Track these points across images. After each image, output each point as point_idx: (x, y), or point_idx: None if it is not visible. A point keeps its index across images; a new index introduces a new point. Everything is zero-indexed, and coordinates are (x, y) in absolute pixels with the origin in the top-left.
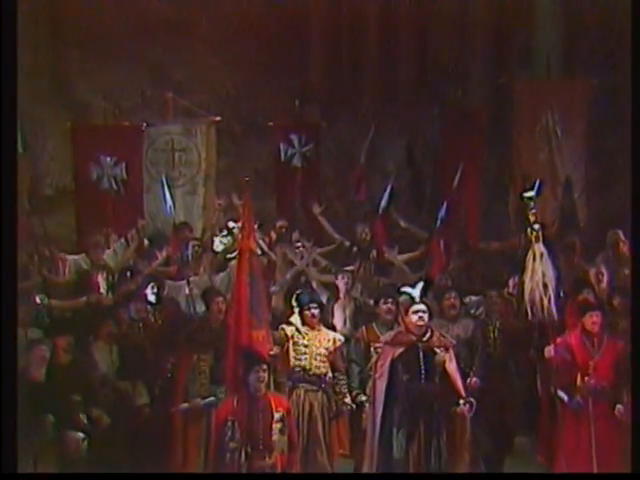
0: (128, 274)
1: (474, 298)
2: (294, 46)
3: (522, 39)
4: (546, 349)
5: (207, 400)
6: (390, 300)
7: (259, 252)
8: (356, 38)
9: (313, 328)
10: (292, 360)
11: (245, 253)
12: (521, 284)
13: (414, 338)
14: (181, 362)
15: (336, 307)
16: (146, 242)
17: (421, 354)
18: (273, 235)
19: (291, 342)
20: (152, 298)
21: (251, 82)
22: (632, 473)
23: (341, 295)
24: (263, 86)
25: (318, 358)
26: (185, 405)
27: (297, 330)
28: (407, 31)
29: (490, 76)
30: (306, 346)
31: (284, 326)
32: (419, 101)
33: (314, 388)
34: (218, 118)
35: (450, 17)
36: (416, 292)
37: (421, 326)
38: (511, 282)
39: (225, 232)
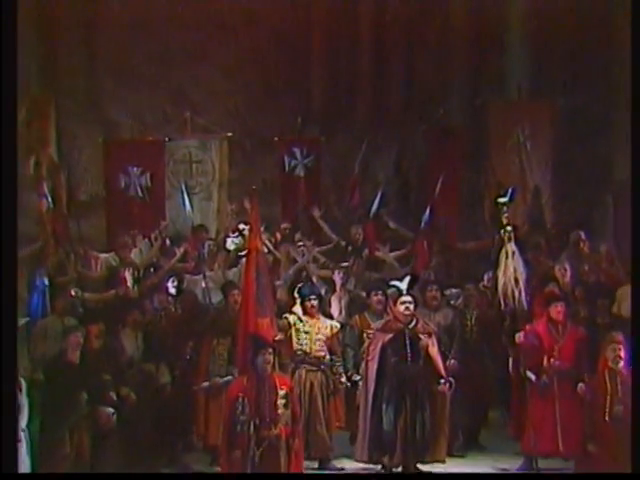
0: (152, 270)
1: (453, 290)
2: (296, 71)
3: (495, 66)
4: (516, 335)
5: (225, 379)
6: (380, 292)
7: (266, 250)
8: (351, 64)
9: (313, 317)
10: (294, 345)
11: (252, 252)
12: (495, 278)
13: (401, 325)
14: (202, 346)
15: (333, 298)
16: (167, 242)
17: (407, 339)
18: (278, 236)
19: (293, 329)
20: (173, 290)
21: (259, 102)
22: (632, 473)
23: (337, 288)
24: (269, 106)
25: (317, 343)
26: (206, 384)
27: (299, 319)
28: (396, 58)
29: (468, 98)
30: (307, 332)
31: (287, 315)
32: (406, 120)
33: (314, 369)
34: (230, 134)
35: (433, 46)
36: (403, 285)
37: (407, 315)
38: (486, 277)
39: (236, 233)
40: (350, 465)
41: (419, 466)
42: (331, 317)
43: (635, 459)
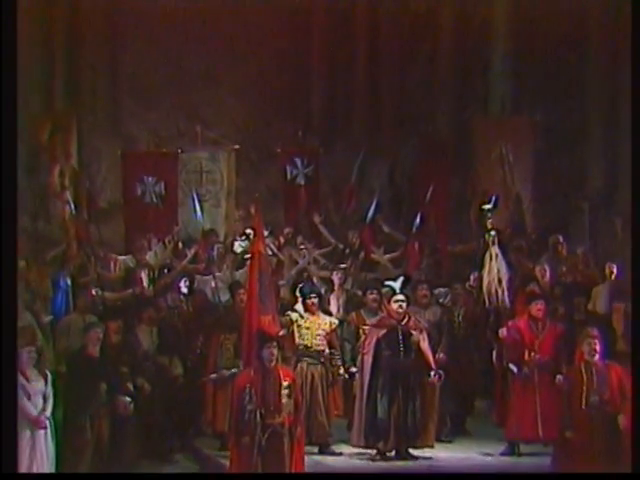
0: (166, 270)
1: (442, 290)
2: (297, 89)
3: (480, 85)
4: (500, 330)
5: (231, 371)
6: (375, 291)
7: (270, 253)
8: (347, 83)
9: (313, 314)
10: (296, 339)
11: (256, 254)
12: (480, 279)
13: (394, 322)
14: (211, 341)
15: (332, 297)
16: (180, 245)
17: (400, 335)
18: (281, 239)
19: (295, 325)
20: (185, 290)
21: (263, 118)
22: (632, 473)
23: (336, 287)
24: (272, 121)
25: (317, 338)
26: (214, 375)
27: (300, 315)
28: (389, 77)
29: (455, 114)
30: (307, 328)
31: (290, 312)
32: (399, 134)
33: (314, 362)
34: (237, 146)
35: (423, 66)
36: (397, 285)
37: (400, 312)
38: (472, 277)
39: (243, 237)
40: (347, 450)
41: (410, 451)
42: (330, 314)
43: (635, 459)
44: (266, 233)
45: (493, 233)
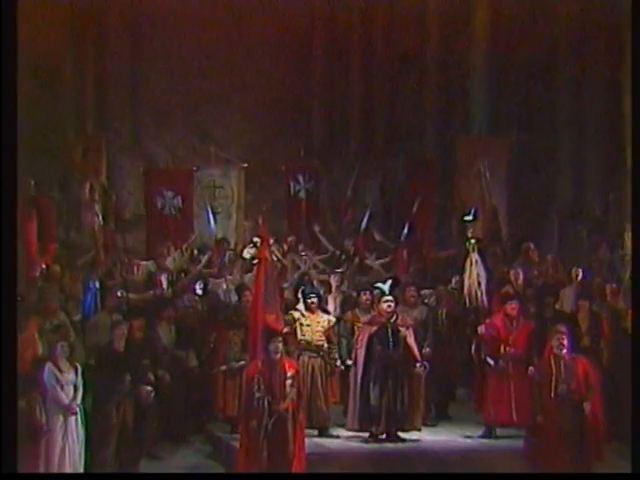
0: (183, 274)
1: (427, 291)
2: (299, 114)
3: (461, 109)
4: (478, 327)
5: (239, 363)
6: (368, 292)
7: (275, 259)
8: (344, 108)
9: (313, 312)
10: (299, 335)
11: (262, 260)
12: (461, 281)
13: (384, 320)
14: (221, 337)
15: (330, 298)
16: (195, 252)
17: (389, 331)
18: (285, 247)
19: (298, 323)
20: (199, 291)
21: (269, 139)
22: (632, 473)
23: (333, 289)
24: (277, 142)
25: (317, 334)
26: (224, 367)
27: (302, 314)
28: (380, 103)
29: (439, 135)
30: (308, 325)
31: (293, 311)
32: (389, 153)
33: (315, 355)
34: (246, 165)
35: (411, 92)
36: (386, 287)
37: (389, 312)
38: (454, 280)
39: (251, 245)
40: (343, 433)
41: (399, 434)
42: (328, 313)
43: (635, 459)
44: (271, 241)
45: (473, 241)
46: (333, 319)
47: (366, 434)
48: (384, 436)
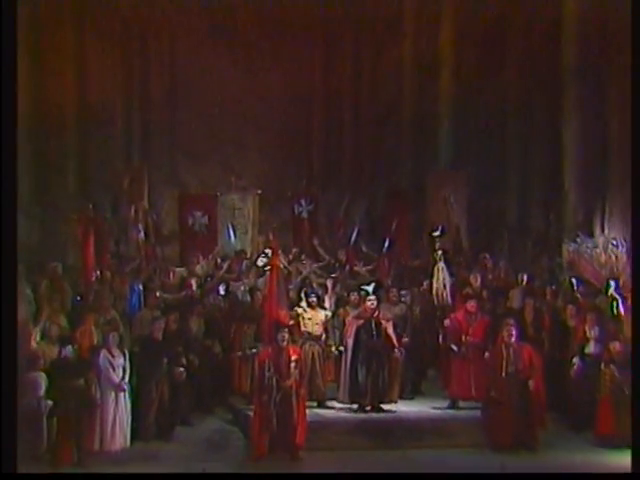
0: (209, 279)
1: (404, 292)
2: (303, 151)
3: (431, 149)
4: (445, 321)
5: (252, 351)
6: (356, 293)
7: (282, 266)
8: (338, 147)
9: (313, 309)
10: (301, 327)
11: (272, 267)
12: (430, 284)
13: (369, 315)
14: (238, 329)
15: (326, 297)
16: (219, 260)
17: (373, 324)
18: (290, 257)
19: (300, 317)
20: (222, 292)
21: (278, 172)
22: (632, 473)
23: (329, 290)
24: (285, 174)
25: (316, 326)
26: (240, 353)
27: (304, 310)
28: (367, 143)
29: (412, 169)
30: (309, 319)
31: (296, 308)
32: (373, 183)
33: (314, 343)
34: (259, 191)
35: (390, 135)
36: (370, 289)
37: (373, 308)
38: (425, 283)
39: (263, 255)
40: (337, 405)
41: (382, 405)
42: (325, 309)
43: (635, 459)
44: (280, 252)
45: (440, 252)
46: (329, 314)
47: (355, 406)
48: (369, 407)
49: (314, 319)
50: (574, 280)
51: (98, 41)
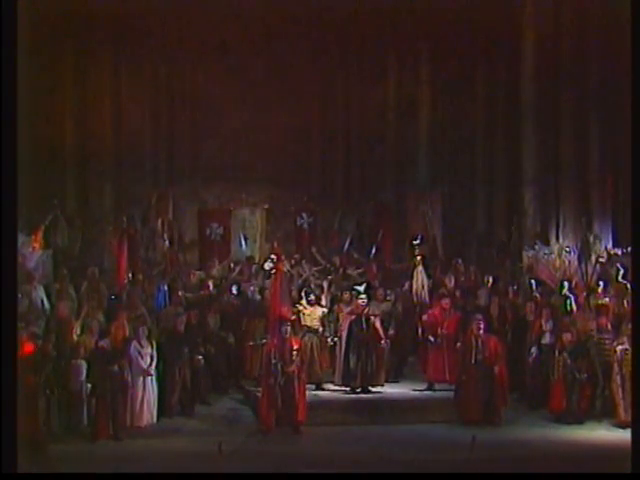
0: (224, 280)
1: (389, 292)
2: (303, 175)
3: (413, 170)
4: (423, 316)
5: (261, 341)
6: (349, 292)
7: (286, 270)
8: (332, 168)
9: (312, 306)
10: (302, 322)
11: (278, 271)
12: (411, 285)
13: (360, 311)
14: (249, 323)
15: (323, 296)
16: (232, 265)
17: (363, 319)
18: (292, 262)
19: (301, 313)
20: (235, 292)
21: (282, 190)
22: (632, 473)
23: (325, 290)
24: (288, 192)
25: (314, 321)
26: (251, 343)
27: (304, 307)
28: (357, 167)
29: (395, 188)
30: (309, 315)
31: (297, 305)
32: (361, 200)
33: (313, 335)
34: (267, 206)
35: (375, 158)
36: (361, 289)
37: (363, 305)
38: (406, 284)
39: (270, 260)
40: (332, 387)
41: (370, 388)
42: (322, 306)
43: (635, 459)
44: (283, 258)
45: (419, 258)
46: (325, 310)
47: (347, 388)
48: (359, 389)
49: (313, 315)
50: (533, 281)
51: (130, 80)
